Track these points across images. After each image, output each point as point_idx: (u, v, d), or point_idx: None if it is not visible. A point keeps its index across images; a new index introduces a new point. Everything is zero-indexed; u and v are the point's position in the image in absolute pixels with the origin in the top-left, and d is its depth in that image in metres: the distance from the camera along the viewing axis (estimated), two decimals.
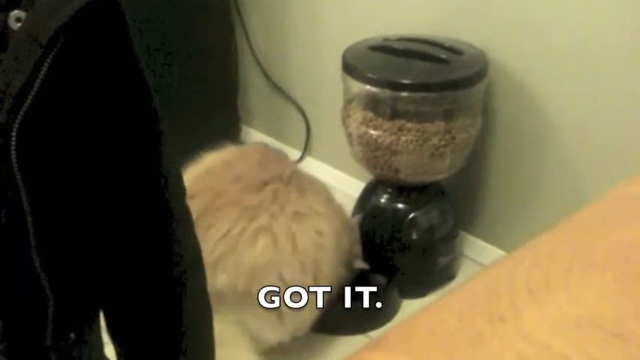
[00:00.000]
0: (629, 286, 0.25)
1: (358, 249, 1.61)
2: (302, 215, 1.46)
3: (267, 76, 2.20)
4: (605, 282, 0.26)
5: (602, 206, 0.31)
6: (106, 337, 0.78)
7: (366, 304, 1.62)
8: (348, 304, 1.59)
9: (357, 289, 1.65)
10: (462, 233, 1.78)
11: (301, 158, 2.21)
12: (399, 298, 1.66)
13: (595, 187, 1.51)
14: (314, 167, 2.18)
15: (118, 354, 0.77)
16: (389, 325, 1.65)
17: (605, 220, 0.30)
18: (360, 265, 1.60)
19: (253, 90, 2.29)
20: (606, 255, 0.27)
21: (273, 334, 1.45)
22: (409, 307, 1.67)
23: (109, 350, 0.79)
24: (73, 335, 0.68)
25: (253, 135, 2.34)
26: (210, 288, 0.81)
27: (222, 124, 2.25)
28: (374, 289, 1.65)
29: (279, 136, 2.28)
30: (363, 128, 1.57)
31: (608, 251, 0.27)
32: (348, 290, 1.62)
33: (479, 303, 0.26)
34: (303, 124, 2.17)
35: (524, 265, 0.28)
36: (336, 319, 1.56)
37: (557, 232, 0.31)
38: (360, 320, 1.58)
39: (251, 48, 2.20)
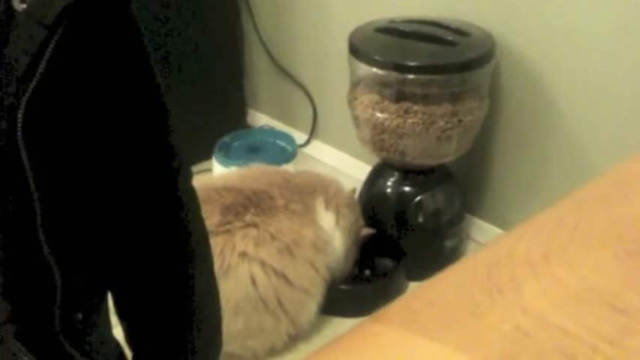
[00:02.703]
0: (629, 260, 0.25)
1: (361, 220, 1.62)
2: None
3: (273, 59, 2.20)
4: (605, 256, 0.26)
5: (603, 183, 0.32)
6: (114, 319, 0.79)
7: (372, 286, 1.63)
8: (354, 287, 1.60)
9: (364, 272, 1.66)
10: (469, 216, 1.78)
11: (307, 141, 2.21)
12: (405, 281, 1.67)
13: (602, 168, 1.50)
14: (320, 150, 2.18)
15: (126, 335, 0.78)
16: None
17: (605, 196, 0.30)
18: (366, 231, 1.61)
19: (259, 73, 2.28)
20: (606, 230, 0.27)
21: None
22: None
23: (118, 332, 0.80)
24: (80, 316, 0.68)
25: (259, 118, 2.34)
26: None
27: (228, 107, 2.25)
28: (381, 272, 1.66)
29: (285, 119, 2.28)
30: (370, 111, 1.56)
31: (608, 226, 0.28)
32: (354, 273, 1.63)
33: (478, 276, 0.26)
34: (309, 107, 2.17)
35: (525, 239, 0.28)
36: (343, 302, 1.57)
37: (557, 207, 0.31)
38: (367, 303, 1.58)
39: (257, 31, 2.20)
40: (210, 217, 1.35)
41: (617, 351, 0.21)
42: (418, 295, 0.27)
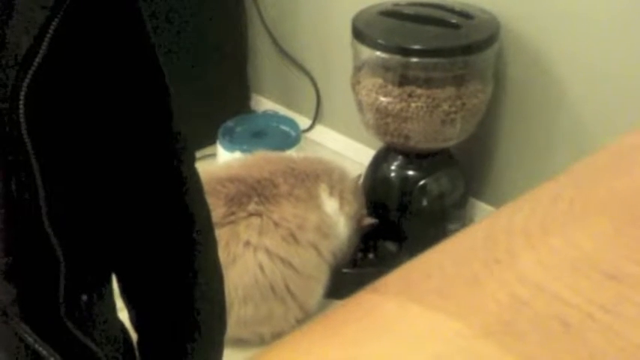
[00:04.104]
0: (626, 231, 0.26)
1: (364, 209, 1.62)
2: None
3: (276, 43, 2.19)
4: (602, 227, 0.26)
5: (603, 156, 0.32)
6: (119, 302, 0.79)
7: (376, 270, 1.63)
8: (358, 271, 1.60)
9: (368, 256, 1.66)
10: (472, 200, 1.78)
11: (311, 126, 2.20)
12: None
13: None
14: (324, 135, 2.18)
15: (131, 318, 0.78)
16: None
17: (604, 169, 0.30)
18: (368, 221, 1.62)
19: (263, 58, 2.28)
20: (604, 201, 0.27)
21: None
22: None
23: (123, 316, 0.80)
24: (84, 298, 0.68)
25: (263, 103, 2.34)
26: None
27: (232, 92, 2.25)
28: (384, 256, 1.66)
29: (289, 104, 2.27)
30: (373, 95, 1.56)
31: (606, 198, 0.28)
32: (358, 257, 1.64)
33: (475, 248, 0.26)
34: (313, 92, 2.16)
35: (523, 211, 0.28)
36: (347, 286, 1.57)
37: (555, 181, 0.31)
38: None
39: (260, 15, 2.19)
40: (215, 209, 1.36)
41: (613, 318, 0.22)
42: (415, 266, 0.27)
